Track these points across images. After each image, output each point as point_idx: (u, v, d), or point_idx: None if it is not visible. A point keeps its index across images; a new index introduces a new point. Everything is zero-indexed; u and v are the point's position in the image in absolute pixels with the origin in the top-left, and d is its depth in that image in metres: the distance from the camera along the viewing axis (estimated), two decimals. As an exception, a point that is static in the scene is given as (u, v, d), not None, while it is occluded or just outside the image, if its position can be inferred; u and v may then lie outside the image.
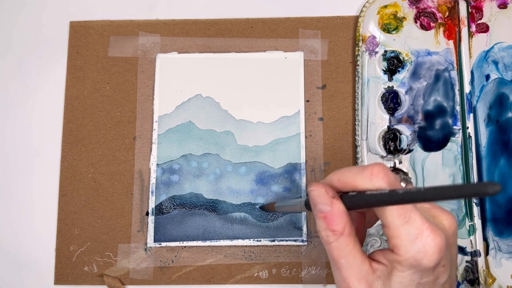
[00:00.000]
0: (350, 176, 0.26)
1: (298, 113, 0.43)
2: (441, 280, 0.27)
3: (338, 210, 0.27)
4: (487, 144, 0.42)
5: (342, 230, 0.27)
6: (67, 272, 0.42)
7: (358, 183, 0.26)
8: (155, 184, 0.42)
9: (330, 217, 0.27)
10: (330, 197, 0.27)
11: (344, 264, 0.27)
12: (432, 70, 0.43)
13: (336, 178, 0.27)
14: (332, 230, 0.27)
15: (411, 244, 0.25)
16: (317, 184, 0.27)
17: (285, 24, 0.45)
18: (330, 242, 0.27)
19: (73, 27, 0.46)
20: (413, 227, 0.25)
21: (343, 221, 0.27)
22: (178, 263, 0.41)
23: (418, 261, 0.25)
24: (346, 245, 0.27)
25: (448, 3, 0.44)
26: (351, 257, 0.27)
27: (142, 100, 0.44)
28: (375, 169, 0.26)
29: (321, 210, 0.27)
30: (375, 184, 0.26)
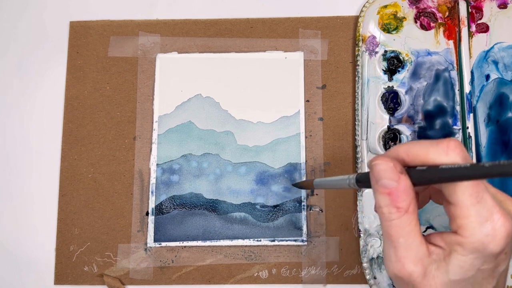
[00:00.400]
0: (422, 149, 0.25)
1: (298, 113, 0.43)
2: (501, 268, 0.25)
3: (405, 186, 0.25)
4: (487, 144, 0.42)
5: (407, 207, 0.25)
6: (67, 272, 0.42)
7: (431, 156, 0.24)
8: (155, 184, 0.42)
9: (396, 193, 0.25)
10: (398, 172, 0.25)
11: (403, 244, 0.25)
12: (432, 70, 0.43)
13: (403, 151, 0.25)
14: (396, 207, 0.25)
15: (480, 226, 0.24)
16: (383, 157, 0.25)
17: (285, 24, 0.45)
18: (392, 219, 0.25)
19: (73, 27, 0.46)
20: (484, 208, 0.24)
21: (409, 197, 0.25)
22: (178, 263, 0.41)
23: (485, 245, 0.24)
24: (408, 223, 0.25)
25: (448, 3, 0.44)
26: (411, 237, 0.25)
27: (142, 100, 0.44)
28: (451, 143, 0.24)
29: (386, 186, 0.25)
30: (451, 158, 0.24)
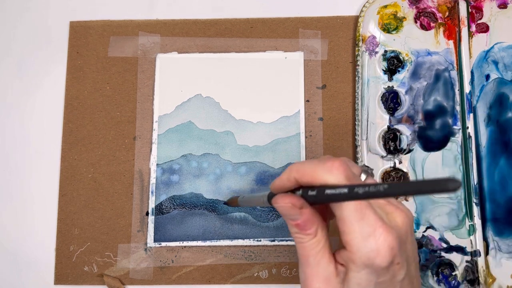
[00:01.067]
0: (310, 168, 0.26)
1: (298, 113, 0.43)
2: (399, 277, 0.26)
3: (308, 217, 0.27)
4: (487, 144, 0.42)
5: (315, 232, 0.27)
6: (67, 272, 0.42)
7: (318, 175, 0.26)
8: (155, 184, 0.42)
9: (301, 224, 0.27)
10: (297, 208, 0.27)
11: (311, 263, 0.27)
12: (432, 70, 0.43)
13: (296, 170, 0.27)
14: (306, 234, 0.27)
15: (364, 242, 0.25)
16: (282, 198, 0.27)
17: (285, 24, 0.45)
18: (303, 242, 0.27)
19: (73, 27, 0.46)
20: (366, 224, 0.25)
21: (315, 224, 0.27)
22: (178, 263, 0.41)
23: (371, 260, 0.25)
24: (317, 245, 0.27)
25: (448, 3, 0.44)
26: (319, 257, 0.27)
27: (142, 100, 0.44)
28: (336, 162, 0.26)
29: (292, 220, 0.27)
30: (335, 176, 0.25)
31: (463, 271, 0.40)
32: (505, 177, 0.42)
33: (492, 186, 0.42)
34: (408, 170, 0.42)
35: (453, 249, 0.41)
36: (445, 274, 0.40)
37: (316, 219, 0.27)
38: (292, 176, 0.27)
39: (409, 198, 0.41)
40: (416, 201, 0.41)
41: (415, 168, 0.42)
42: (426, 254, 0.41)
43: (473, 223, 0.41)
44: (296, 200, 0.27)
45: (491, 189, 0.42)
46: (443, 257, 0.40)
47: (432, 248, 0.41)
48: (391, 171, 0.42)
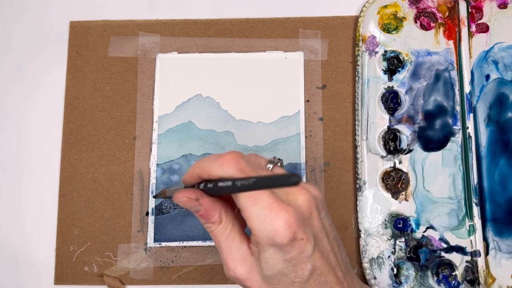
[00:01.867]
0: (207, 164, 0.29)
1: (298, 113, 0.43)
2: (306, 253, 0.28)
3: (208, 206, 0.29)
4: (487, 144, 0.42)
5: (219, 219, 0.30)
6: (67, 272, 0.42)
7: (212, 170, 0.28)
8: (155, 184, 0.42)
9: (203, 214, 0.29)
10: (195, 200, 0.29)
11: (224, 247, 0.30)
12: (432, 70, 0.43)
13: (197, 167, 0.29)
14: (211, 222, 0.30)
15: (262, 224, 0.27)
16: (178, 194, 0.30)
17: (285, 24, 0.45)
18: (211, 230, 0.30)
19: (73, 27, 0.46)
20: (261, 207, 0.27)
21: (216, 211, 0.29)
22: (178, 263, 0.41)
23: (272, 239, 0.27)
24: (224, 230, 0.30)
25: (448, 3, 0.44)
26: (230, 240, 0.29)
27: (142, 100, 0.44)
28: (226, 157, 0.28)
29: (195, 211, 0.30)
30: (226, 171, 0.28)
31: (463, 271, 0.40)
32: (505, 177, 0.42)
33: (492, 186, 0.42)
34: (408, 170, 0.42)
35: (453, 249, 0.41)
36: (445, 274, 0.40)
37: (218, 206, 0.30)
38: (195, 173, 0.30)
39: (410, 198, 0.41)
40: (416, 201, 0.41)
41: (415, 168, 0.42)
42: (426, 254, 0.41)
43: (473, 223, 0.41)
44: (190, 194, 0.29)
45: (491, 189, 0.42)
46: (443, 257, 0.40)
47: (432, 248, 0.41)
48: (391, 171, 0.42)
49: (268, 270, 0.28)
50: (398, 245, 0.40)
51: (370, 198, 0.41)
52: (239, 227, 0.30)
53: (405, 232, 0.41)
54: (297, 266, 0.28)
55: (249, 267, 0.29)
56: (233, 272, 0.29)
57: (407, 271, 0.40)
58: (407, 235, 0.41)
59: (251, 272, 0.29)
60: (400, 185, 0.42)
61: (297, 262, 0.28)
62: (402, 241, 0.40)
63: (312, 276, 0.28)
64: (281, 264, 0.28)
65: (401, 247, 0.40)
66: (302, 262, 0.28)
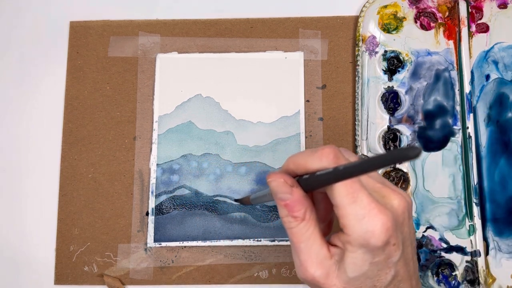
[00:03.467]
0: (303, 158, 0.27)
1: (298, 113, 0.43)
2: (394, 258, 0.27)
3: (298, 197, 0.27)
4: (487, 144, 0.42)
5: (303, 216, 0.28)
6: (67, 272, 0.42)
7: (309, 164, 0.27)
8: (155, 184, 0.42)
9: (291, 204, 0.27)
10: (289, 185, 0.27)
11: (303, 248, 0.28)
12: (432, 70, 0.43)
13: (291, 162, 0.28)
14: (293, 217, 0.28)
15: (359, 224, 0.26)
16: (275, 175, 0.28)
17: (285, 24, 0.45)
18: (292, 227, 0.28)
19: (73, 27, 0.46)
20: (359, 206, 0.26)
21: (304, 207, 0.28)
22: (178, 263, 0.41)
23: (367, 240, 0.26)
24: (306, 229, 0.28)
25: (448, 3, 0.44)
26: (311, 242, 0.28)
27: (142, 100, 0.44)
28: (325, 150, 0.27)
29: (282, 199, 0.28)
30: (324, 164, 0.26)
31: (463, 271, 0.40)
32: (505, 177, 0.42)
33: (492, 186, 0.42)
34: (408, 170, 0.42)
35: (453, 249, 0.41)
36: (445, 274, 0.40)
37: (306, 202, 0.28)
38: (290, 168, 0.28)
39: (409, 198, 0.41)
40: (416, 201, 0.41)
41: (415, 168, 0.42)
42: (426, 254, 0.41)
43: (473, 223, 0.41)
44: (288, 178, 0.28)
45: (491, 189, 0.42)
46: (443, 257, 0.40)
47: (432, 248, 0.41)
48: (391, 171, 0.42)
49: (353, 272, 0.27)
50: (398, 245, 0.40)
51: (370, 198, 0.41)
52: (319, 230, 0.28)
53: None
54: (382, 271, 0.27)
55: (328, 271, 0.27)
56: (311, 275, 0.27)
57: (407, 271, 0.40)
58: (407, 235, 0.41)
59: (329, 276, 0.27)
60: (400, 185, 0.42)
61: (383, 266, 0.27)
62: (402, 241, 0.40)
63: (392, 282, 0.28)
64: (367, 267, 0.27)
65: (401, 247, 0.40)
66: (387, 267, 0.27)
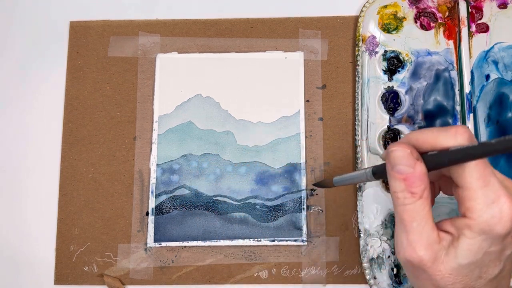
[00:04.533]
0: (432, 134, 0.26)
1: (298, 113, 0.43)
2: (507, 251, 0.26)
3: (421, 172, 0.26)
4: (487, 144, 0.42)
5: (422, 192, 0.26)
6: (67, 272, 0.42)
7: (440, 141, 0.25)
8: (155, 184, 0.42)
9: (411, 178, 0.26)
10: (414, 158, 0.26)
11: (416, 228, 0.26)
12: (432, 70, 0.43)
13: (414, 137, 0.26)
14: (411, 192, 0.26)
15: (487, 208, 0.25)
16: (401, 144, 0.26)
17: (285, 24, 0.45)
18: (407, 204, 0.26)
19: (73, 27, 0.46)
20: (491, 191, 0.25)
21: (424, 183, 0.26)
22: (178, 263, 0.41)
23: (491, 226, 0.25)
24: (422, 208, 0.26)
25: (448, 3, 0.44)
26: (424, 222, 0.26)
27: (142, 100, 0.44)
28: (460, 128, 0.25)
29: (402, 171, 0.26)
30: (459, 141, 0.25)
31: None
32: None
33: (492, 186, 0.42)
34: (408, 170, 0.42)
35: (453, 249, 0.40)
36: (445, 274, 0.40)
37: (427, 181, 0.26)
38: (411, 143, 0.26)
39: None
40: (416, 201, 0.41)
41: (415, 168, 0.42)
42: (426, 254, 0.40)
43: (473, 223, 0.41)
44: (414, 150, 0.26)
45: (491, 189, 0.42)
46: (443, 257, 0.40)
47: (432, 248, 0.41)
48: (391, 171, 0.42)
49: (466, 259, 0.25)
50: (398, 245, 0.40)
51: (370, 198, 0.41)
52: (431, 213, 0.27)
53: None
54: (492, 262, 0.26)
55: (435, 255, 0.26)
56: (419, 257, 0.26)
57: (407, 271, 0.40)
58: (407, 235, 0.41)
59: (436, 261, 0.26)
60: (400, 185, 0.41)
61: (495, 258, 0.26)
62: (402, 241, 0.40)
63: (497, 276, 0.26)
64: (481, 255, 0.25)
65: (401, 247, 0.40)
66: (498, 259, 0.26)
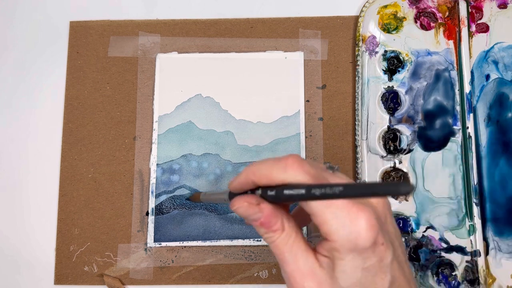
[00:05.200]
0: (266, 168, 0.26)
1: (298, 113, 0.43)
2: (386, 260, 0.25)
3: (269, 212, 0.26)
4: (487, 144, 0.42)
5: (281, 226, 0.26)
6: (67, 272, 0.42)
7: (274, 175, 0.25)
8: (155, 184, 0.42)
9: (265, 221, 0.26)
10: (255, 205, 0.26)
11: (289, 258, 0.26)
12: (432, 70, 0.43)
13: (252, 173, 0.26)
14: (272, 231, 0.26)
15: (342, 227, 0.24)
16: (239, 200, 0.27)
17: (285, 24, 0.45)
18: (274, 241, 0.26)
19: (73, 27, 0.46)
20: (338, 209, 0.24)
21: (278, 218, 0.26)
22: (178, 263, 0.41)
23: (353, 242, 0.24)
24: (288, 238, 0.26)
25: (448, 3, 0.44)
26: (295, 250, 0.26)
27: (142, 100, 0.44)
28: (289, 160, 0.25)
29: (254, 220, 0.26)
30: (290, 175, 0.25)
31: (463, 271, 0.40)
32: (505, 177, 0.42)
33: (492, 186, 0.42)
34: (408, 170, 0.42)
35: (453, 249, 0.41)
36: (445, 274, 0.40)
37: (279, 213, 0.26)
38: (249, 179, 0.27)
39: (410, 198, 0.41)
40: (416, 201, 0.41)
41: (415, 168, 0.42)
42: (426, 254, 0.41)
43: (473, 223, 0.41)
44: (251, 198, 0.26)
45: (491, 189, 0.42)
46: (443, 257, 0.40)
47: (432, 248, 0.41)
48: (391, 171, 0.42)
49: (345, 281, 0.25)
50: (398, 245, 0.40)
51: (370, 198, 0.41)
52: (302, 236, 0.27)
53: (405, 232, 0.41)
54: (376, 276, 0.25)
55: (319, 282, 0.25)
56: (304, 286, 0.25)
57: (407, 271, 0.40)
58: (407, 235, 0.41)
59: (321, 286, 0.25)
60: (400, 185, 0.41)
61: (377, 271, 0.25)
62: (402, 241, 0.40)
63: None
64: (360, 273, 0.25)
65: (401, 247, 0.40)
66: (381, 271, 0.25)
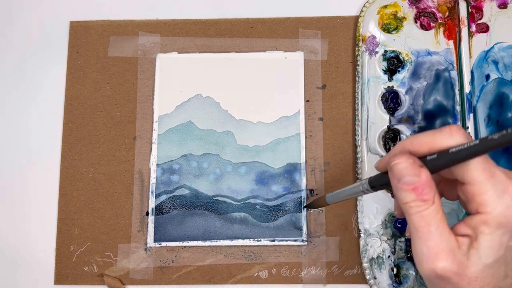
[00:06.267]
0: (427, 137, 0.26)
1: (298, 113, 0.43)
2: None
3: (427, 179, 0.25)
4: (487, 144, 0.42)
5: (433, 198, 0.25)
6: (67, 272, 0.42)
7: (437, 142, 0.25)
8: (155, 184, 0.42)
9: (420, 187, 0.25)
10: (418, 166, 0.25)
11: (434, 233, 0.25)
12: (432, 70, 0.43)
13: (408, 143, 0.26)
14: (423, 200, 0.25)
15: (499, 198, 0.24)
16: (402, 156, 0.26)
17: (285, 24, 0.45)
18: (420, 211, 0.25)
19: (73, 27, 0.46)
20: (499, 181, 0.24)
21: (433, 188, 0.25)
22: (178, 263, 0.41)
23: (508, 217, 0.24)
24: (436, 213, 0.25)
25: (448, 3, 0.44)
26: (442, 226, 0.25)
27: (142, 100, 0.44)
28: (453, 127, 0.25)
29: (409, 182, 0.25)
30: (456, 139, 0.25)
31: (463, 271, 0.40)
32: None
33: (492, 186, 0.42)
34: (408, 170, 0.42)
35: (453, 249, 0.40)
36: (445, 274, 0.40)
37: (434, 185, 0.26)
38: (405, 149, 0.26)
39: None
40: (416, 201, 0.41)
41: (415, 168, 0.42)
42: (426, 254, 0.40)
43: (473, 223, 0.41)
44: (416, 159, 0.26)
45: (491, 189, 0.41)
46: (443, 257, 0.40)
47: (432, 248, 0.41)
48: (391, 171, 0.42)
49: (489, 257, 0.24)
50: (398, 245, 0.40)
51: (370, 198, 0.41)
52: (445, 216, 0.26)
53: (405, 232, 0.41)
54: None
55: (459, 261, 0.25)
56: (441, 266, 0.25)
57: (407, 271, 0.40)
58: (407, 235, 0.41)
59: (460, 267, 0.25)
60: (400, 185, 0.41)
61: None
62: (402, 241, 0.40)
63: None
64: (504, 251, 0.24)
65: (401, 247, 0.40)
66: None
